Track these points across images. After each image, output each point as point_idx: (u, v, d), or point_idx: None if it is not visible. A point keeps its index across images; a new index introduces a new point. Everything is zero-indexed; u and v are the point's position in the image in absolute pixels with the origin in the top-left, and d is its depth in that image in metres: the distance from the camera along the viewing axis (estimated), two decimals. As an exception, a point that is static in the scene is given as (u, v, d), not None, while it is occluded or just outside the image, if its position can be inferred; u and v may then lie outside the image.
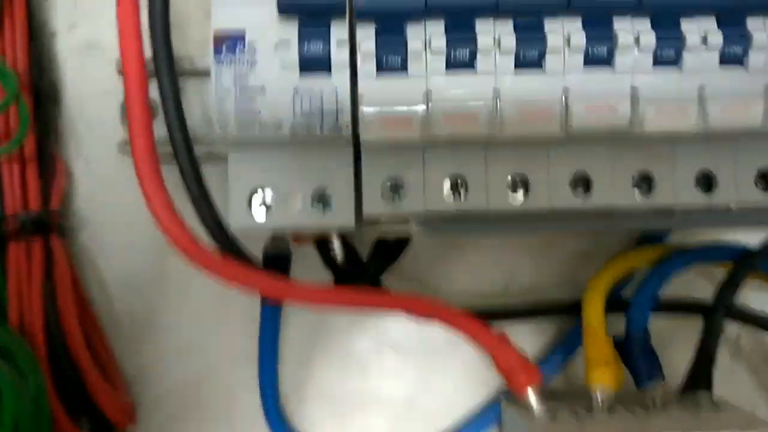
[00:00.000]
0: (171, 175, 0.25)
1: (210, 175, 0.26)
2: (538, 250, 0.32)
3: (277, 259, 0.28)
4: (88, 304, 0.31)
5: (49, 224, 0.29)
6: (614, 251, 0.31)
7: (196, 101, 0.31)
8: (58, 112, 0.32)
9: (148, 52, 0.25)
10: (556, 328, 0.32)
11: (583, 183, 0.25)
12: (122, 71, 0.25)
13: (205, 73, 0.25)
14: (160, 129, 0.25)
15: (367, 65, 0.22)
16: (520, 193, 0.24)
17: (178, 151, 0.24)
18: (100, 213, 0.32)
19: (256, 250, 0.28)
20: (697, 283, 0.31)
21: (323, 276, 0.28)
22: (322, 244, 0.28)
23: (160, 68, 0.24)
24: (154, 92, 0.25)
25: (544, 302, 0.30)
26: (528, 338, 0.31)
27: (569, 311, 0.30)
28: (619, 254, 0.29)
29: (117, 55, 0.25)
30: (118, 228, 0.32)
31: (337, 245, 0.28)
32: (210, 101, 0.22)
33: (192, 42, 0.32)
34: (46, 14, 0.32)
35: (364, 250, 0.29)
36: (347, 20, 0.22)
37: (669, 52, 0.22)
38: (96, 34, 0.32)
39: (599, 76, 0.22)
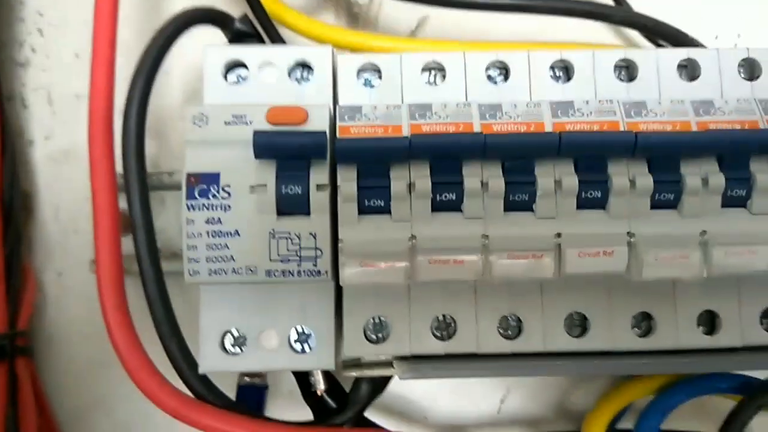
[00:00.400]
0: (141, 288, 0.23)
1: (184, 292, 0.25)
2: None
3: (252, 392, 0.26)
4: (55, 428, 0.29)
5: (15, 348, 0.28)
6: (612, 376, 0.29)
7: (177, 213, 0.30)
8: (31, 222, 0.31)
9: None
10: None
11: (579, 324, 0.23)
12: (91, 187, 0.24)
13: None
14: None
15: (347, 208, 0.20)
16: (513, 334, 0.23)
17: (147, 284, 0.23)
18: (71, 328, 0.31)
19: (230, 376, 0.27)
20: (701, 414, 0.29)
21: (302, 409, 0.26)
22: (301, 374, 0.26)
23: (131, 187, 0.23)
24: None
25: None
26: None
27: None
28: (618, 384, 0.28)
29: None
30: (91, 344, 0.30)
31: (318, 376, 0.26)
32: (182, 247, 0.20)
33: (175, 151, 0.31)
34: (22, 123, 0.31)
35: (348, 380, 0.27)
36: (328, 162, 0.21)
37: (668, 196, 0.21)
38: (73, 144, 0.31)
39: (593, 220, 0.21)
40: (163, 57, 0.24)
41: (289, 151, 0.20)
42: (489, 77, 0.24)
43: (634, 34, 0.32)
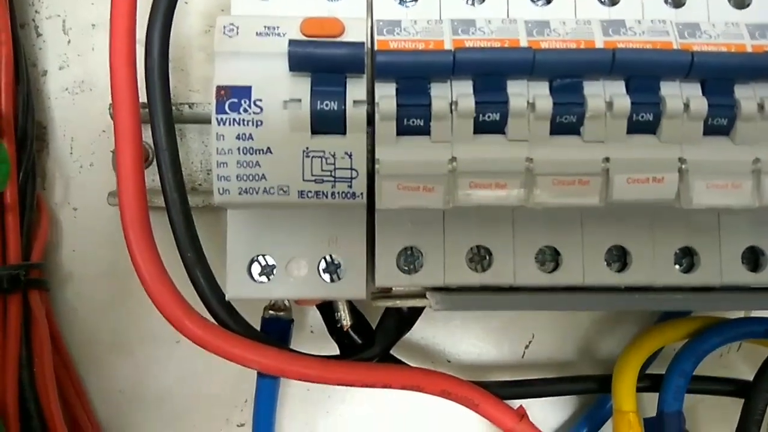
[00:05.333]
0: (164, 224, 0.22)
1: (207, 227, 0.24)
2: (561, 314, 0.30)
3: (276, 324, 0.25)
4: (71, 367, 0.29)
5: (29, 279, 0.27)
6: (642, 316, 0.29)
7: (197, 147, 0.29)
8: (46, 154, 0.30)
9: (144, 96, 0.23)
10: (579, 404, 0.29)
11: (619, 259, 0.22)
12: (113, 115, 0.23)
13: (207, 120, 0.22)
14: (154, 176, 0.23)
15: (386, 127, 0.19)
16: (549, 267, 0.22)
17: (171, 211, 0.22)
18: (87, 266, 0.30)
19: (255, 310, 0.26)
20: (736, 359, 0.28)
21: (327, 344, 0.26)
22: (327, 308, 0.26)
23: (155, 114, 0.22)
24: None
25: (567, 377, 0.28)
26: (548, 414, 0.29)
27: (596, 385, 0.28)
28: (649, 328, 0.27)
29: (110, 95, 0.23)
30: (107, 283, 0.30)
31: (344, 311, 0.25)
32: (211, 162, 0.20)
33: (195, 85, 0.30)
34: (36, 54, 0.30)
35: (374, 316, 0.26)
36: (366, 78, 0.20)
37: (721, 121, 0.20)
38: (89, 74, 0.30)
39: (644, 145, 0.20)
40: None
41: (325, 64, 0.19)
42: (532, 0, 0.23)
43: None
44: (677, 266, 0.22)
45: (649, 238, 0.22)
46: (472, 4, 0.23)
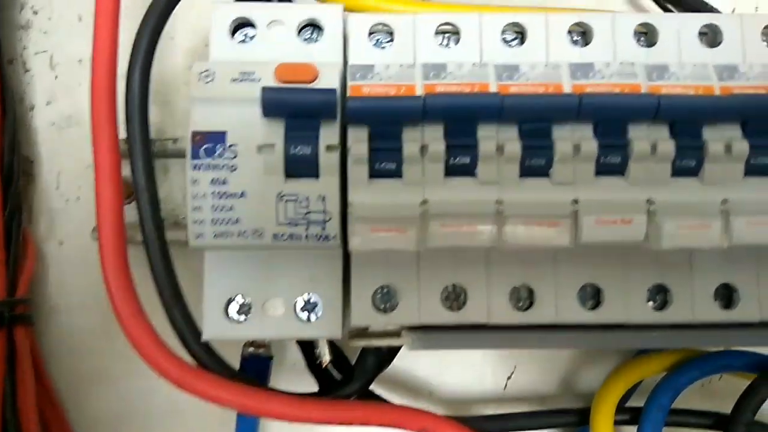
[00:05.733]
0: (142, 257, 0.23)
1: (188, 262, 0.24)
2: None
3: (256, 362, 0.25)
4: (56, 401, 0.29)
5: (14, 315, 0.27)
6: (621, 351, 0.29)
7: (181, 182, 0.29)
8: (33, 189, 0.30)
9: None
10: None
11: (593, 297, 0.23)
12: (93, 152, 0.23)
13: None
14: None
15: (358, 170, 0.20)
16: (524, 305, 0.22)
17: (150, 250, 0.22)
18: (73, 298, 0.30)
19: (235, 346, 0.26)
20: (715, 392, 0.28)
21: (308, 379, 0.26)
22: (306, 344, 0.26)
23: (134, 152, 0.22)
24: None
25: (548, 410, 0.28)
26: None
27: (577, 419, 0.28)
28: (628, 362, 0.27)
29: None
30: (93, 315, 0.30)
31: (323, 347, 0.25)
32: (186, 208, 0.20)
33: (180, 119, 0.31)
34: (23, 89, 0.30)
35: (353, 351, 0.27)
36: (338, 122, 0.20)
37: (689, 162, 0.20)
38: (75, 109, 0.30)
39: (612, 186, 0.20)
40: (167, 16, 0.23)
41: (298, 110, 0.19)
42: (505, 41, 0.23)
43: (646, 3, 0.31)
44: (650, 303, 0.23)
45: (621, 276, 0.22)
46: (447, 45, 0.23)
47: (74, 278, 0.30)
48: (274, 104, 0.19)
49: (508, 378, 0.30)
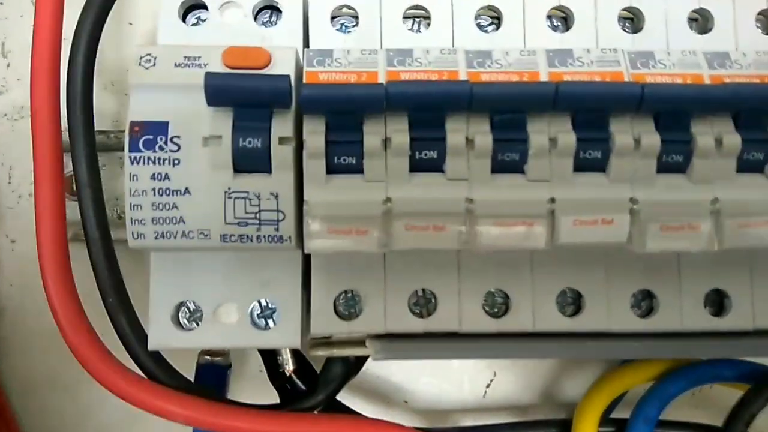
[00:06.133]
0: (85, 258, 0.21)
1: (138, 262, 0.23)
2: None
3: (212, 371, 0.24)
4: (7, 406, 0.27)
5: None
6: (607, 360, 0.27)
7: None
8: (-19, 184, 0.29)
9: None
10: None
11: (573, 302, 0.21)
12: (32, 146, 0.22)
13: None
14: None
15: (314, 165, 0.18)
16: (499, 312, 0.21)
17: (92, 251, 0.21)
18: (25, 298, 0.28)
19: (190, 354, 0.24)
20: (706, 402, 0.27)
21: (268, 392, 0.24)
22: (268, 352, 0.24)
23: (76, 146, 0.21)
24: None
25: (528, 422, 0.26)
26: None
27: (558, 430, 0.26)
28: (612, 371, 0.25)
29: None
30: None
31: (286, 354, 0.24)
32: (125, 205, 0.18)
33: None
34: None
35: (319, 359, 0.25)
36: (293, 113, 0.18)
37: (676, 158, 0.19)
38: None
39: (592, 184, 0.18)
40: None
41: (247, 98, 0.18)
42: (479, 26, 0.22)
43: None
44: (635, 310, 0.21)
45: (603, 281, 0.21)
46: (418, 30, 0.22)
47: (27, 278, 0.28)
48: (219, 92, 0.17)
49: (487, 386, 0.28)
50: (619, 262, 0.21)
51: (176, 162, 0.18)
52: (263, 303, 0.21)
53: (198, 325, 0.20)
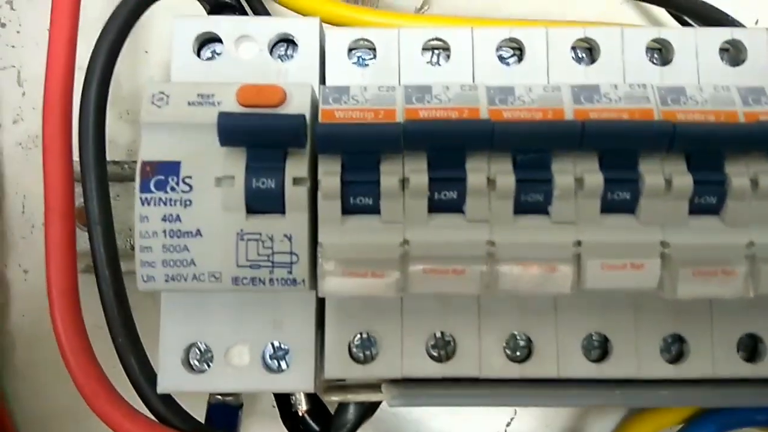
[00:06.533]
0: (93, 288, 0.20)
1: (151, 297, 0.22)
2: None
3: (223, 411, 0.23)
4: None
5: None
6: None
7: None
8: (-4, 213, 0.28)
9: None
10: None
11: (599, 347, 0.20)
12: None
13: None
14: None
15: (329, 207, 0.17)
16: (521, 356, 0.20)
17: (102, 289, 0.20)
18: (37, 329, 0.28)
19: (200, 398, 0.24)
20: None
21: (280, 430, 0.23)
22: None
23: (88, 182, 0.20)
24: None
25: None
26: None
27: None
28: (639, 413, 0.24)
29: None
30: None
31: (299, 394, 0.23)
32: (135, 247, 0.18)
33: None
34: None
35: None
36: (307, 153, 0.18)
37: (710, 199, 0.18)
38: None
39: (620, 226, 0.18)
40: (129, 27, 0.21)
41: (261, 138, 0.17)
42: (501, 58, 0.21)
43: (661, 15, 0.29)
44: (665, 355, 0.20)
45: (632, 324, 0.20)
46: (437, 62, 0.21)
47: (39, 309, 0.28)
48: (232, 131, 0.17)
49: (507, 425, 0.27)
50: (648, 304, 0.20)
51: (188, 203, 0.17)
52: (276, 344, 0.20)
53: (209, 366, 0.20)
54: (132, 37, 0.29)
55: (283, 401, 0.23)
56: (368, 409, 0.23)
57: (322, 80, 0.21)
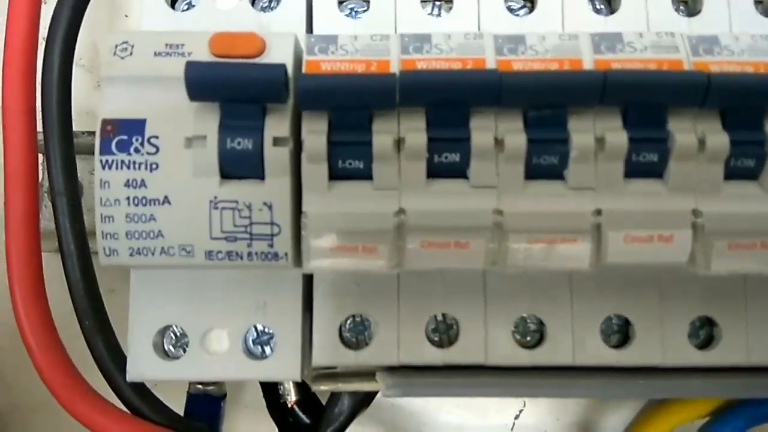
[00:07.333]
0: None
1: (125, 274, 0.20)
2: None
3: (204, 402, 0.21)
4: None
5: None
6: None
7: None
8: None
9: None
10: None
11: (619, 330, 0.18)
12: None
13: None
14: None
15: (315, 171, 0.15)
16: (532, 341, 0.18)
17: (68, 267, 0.18)
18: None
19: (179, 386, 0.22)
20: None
21: (268, 424, 0.22)
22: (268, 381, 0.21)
23: (51, 151, 0.18)
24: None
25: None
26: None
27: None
28: (658, 404, 0.22)
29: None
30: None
31: (288, 383, 0.21)
32: (95, 216, 0.16)
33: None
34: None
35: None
36: (290, 109, 0.16)
37: (747, 162, 0.15)
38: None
39: (647, 193, 0.16)
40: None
41: (235, 91, 0.15)
42: (510, 9, 0.19)
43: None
44: (693, 339, 0.18)
45: (656, 306, 0.18)
46: (438, 14, 0.19)
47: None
48: (202, 84, 0.15)
49: (516, 417, 0.25)
50: (675, 283, 0.18)
51: (154, 166, 0.15)
52: (259, 327, 0.18)
53: (185, 352, 0.18)
54: (111, 0, 0.27)
55: (271, 391, 0.21)
56: (363, 400, 0.21)
57: (309, 33, 0.18)
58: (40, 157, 0.20)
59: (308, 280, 0.18)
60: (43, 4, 0.20)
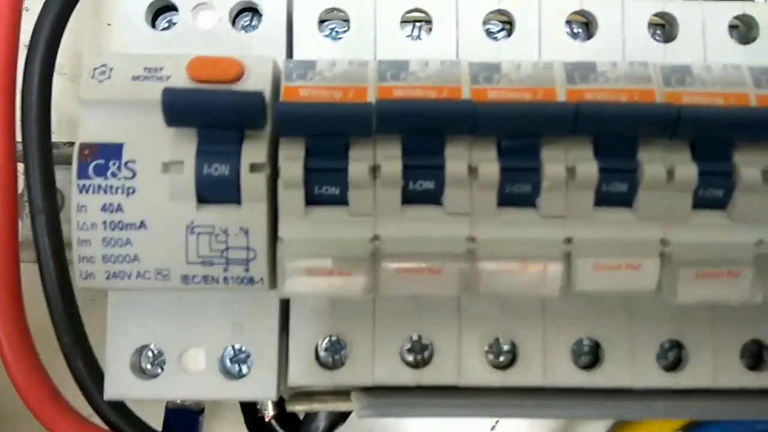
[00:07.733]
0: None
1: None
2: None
3: (183, 417, 0.21)
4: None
5: None
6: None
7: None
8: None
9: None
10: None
11: (589, 352, 0.18)
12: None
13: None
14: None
15: (291, 196, 0.15)
16: (504, 361, 0.18)
17: (47, 284, 0.18)
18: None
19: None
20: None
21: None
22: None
23: (31, 167, 0.18)
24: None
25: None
26: None
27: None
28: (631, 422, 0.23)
29: None
30: None
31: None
32: (72, 240, 0.16)
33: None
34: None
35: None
36: (267, 135, 0.16)
37: (716, 192, 0.16)
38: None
39: (616, 221, 0.16)
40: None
41: (213, 117, 0.15)
42: (488, 32, 0.19)
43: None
44: (661, 361, 0.18)
45: (625, 329, 0.18)
46: (418, 36, 0.19)
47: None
48: (179, 110, 0.15)
49: (492, 428, 0.25)
50: (644, 307, 0.18)
51: (131, 191, 0.15)
52: (236, 347, 0.18)
53: (162, 371, 0.18)
54: (94, 9, 0.27)
55: (249, 406, 0.21)
56: (340, 416, 0.21)
57: (290, 55, 0.19)
58: (20, 166, 0.20)
59: (285, 301, 0.18)
60: (24, 11, 0.20)
